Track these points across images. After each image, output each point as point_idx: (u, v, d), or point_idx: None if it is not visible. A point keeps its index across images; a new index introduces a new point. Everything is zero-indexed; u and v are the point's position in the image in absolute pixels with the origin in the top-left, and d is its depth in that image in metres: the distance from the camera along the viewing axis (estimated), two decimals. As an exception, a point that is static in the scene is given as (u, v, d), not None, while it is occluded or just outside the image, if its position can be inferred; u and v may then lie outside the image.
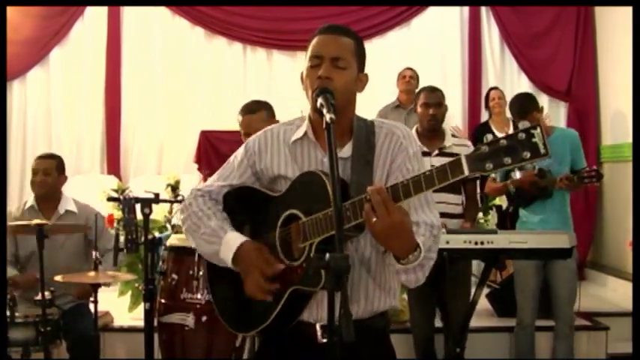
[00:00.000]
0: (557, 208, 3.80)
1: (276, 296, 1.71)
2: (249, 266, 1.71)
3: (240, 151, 1.89)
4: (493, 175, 4.02)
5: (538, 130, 1.38)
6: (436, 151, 3.64)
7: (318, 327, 1.73)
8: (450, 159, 1.50)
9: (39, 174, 3.74)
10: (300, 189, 1.72)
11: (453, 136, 3.82)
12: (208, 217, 1.81)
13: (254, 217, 1.83)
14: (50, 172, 3.76)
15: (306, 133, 1.79)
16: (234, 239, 1.75)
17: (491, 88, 6.06)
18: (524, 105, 3.79)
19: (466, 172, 1.44)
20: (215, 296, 1.93)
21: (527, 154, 1.38)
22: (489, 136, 1.48)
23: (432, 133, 3.70)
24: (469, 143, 3.78)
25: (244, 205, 1.76)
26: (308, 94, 1.75)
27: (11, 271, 3.61)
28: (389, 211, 1.50)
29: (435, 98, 3.71)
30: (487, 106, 6.02)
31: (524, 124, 1.45)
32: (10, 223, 3.42)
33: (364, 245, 1.75)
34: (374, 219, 1.51)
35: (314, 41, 1.77)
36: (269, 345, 1.85)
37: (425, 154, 3.60)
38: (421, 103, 3.73)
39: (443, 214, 3.59)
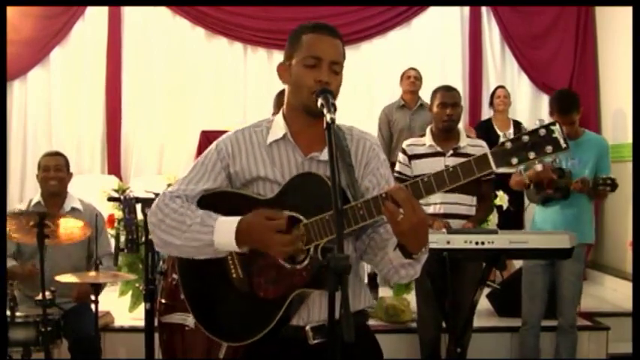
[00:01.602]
0: (574, 212, 3.75)
1: (278, 300, 1.66)
2: (261, 232, 1.59)
3: (212, 152, 1.82)
4: (521, 168, 3.98)
5: (557, 126, 1.50)
6: (450, 152, 3.59)
7: (308, 329, 1.70)
8: (465, 159, 1.51)
9: (51, 170, 3.75)
10: (298, 191, 1.67)
11: (468, 136, 3.78)
12: (192, 211, 1.70)
13: None
14: (62, 169, 3.80)
15: (285, 135, 1.75)
16: (229, 220, 1.64)
17: (499, 87, 6.12)
18: (569, 105, 3.71)
19: (494, 168, 1.51)
20: (196, 310, 1.81)
21: (550, 148, 1.49)
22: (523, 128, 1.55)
23: (447, 133, 3.64)
24: (484, 144, 3.69)
25: (228, 210, 1.68)
26: (296, 92, 1.72)
27: (10, 262, 3.58)
28: (414, 208, 1.50)
29: (452, 98, 3.65)
30: (491, 104, 6.05)
31: (541, 122, 1.52)
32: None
33: (347, 243, 1.73)
34: (400, 217, 1.50)
35: (310, 39, 1.71)
36: (256, 352, 1.77)
37: (439, 154, 3.60)
38: (438, 102, 3.65)
39: (456, 216, 3.57)
